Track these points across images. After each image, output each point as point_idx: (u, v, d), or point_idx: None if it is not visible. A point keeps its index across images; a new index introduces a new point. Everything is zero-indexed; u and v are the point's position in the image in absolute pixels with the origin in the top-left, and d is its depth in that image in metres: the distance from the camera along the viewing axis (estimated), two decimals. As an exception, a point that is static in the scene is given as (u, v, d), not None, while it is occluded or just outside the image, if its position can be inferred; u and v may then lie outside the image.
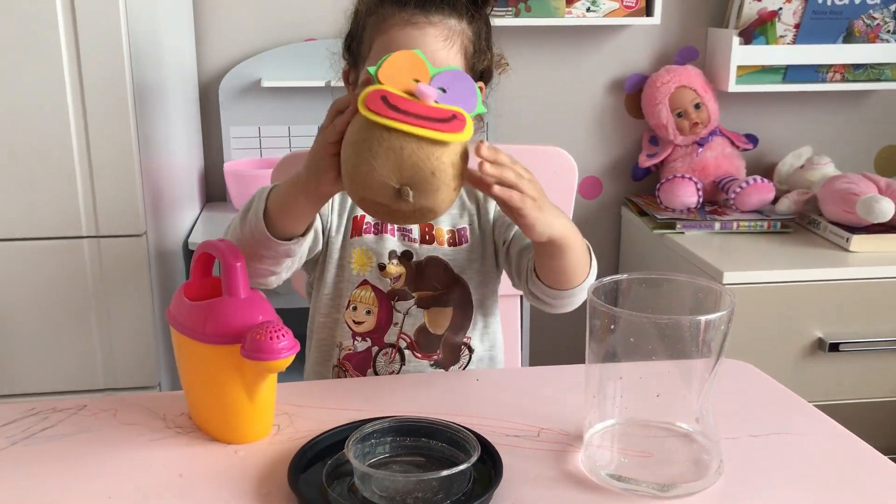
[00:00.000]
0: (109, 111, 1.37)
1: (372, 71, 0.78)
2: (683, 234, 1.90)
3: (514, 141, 1.26)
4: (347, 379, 1.08)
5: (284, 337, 0.78)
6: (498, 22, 1.16)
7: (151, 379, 1.49)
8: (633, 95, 2.13)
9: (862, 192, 1.79)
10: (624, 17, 2.00)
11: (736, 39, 1.97)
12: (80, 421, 0.88)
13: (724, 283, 1.65)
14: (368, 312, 1.09)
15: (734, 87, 2.01)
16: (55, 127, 1.36)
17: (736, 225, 1.91)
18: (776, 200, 1.96)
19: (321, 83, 1.94)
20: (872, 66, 2.06)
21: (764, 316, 1.68)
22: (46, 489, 0.76)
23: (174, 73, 1.74)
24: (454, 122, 0.76)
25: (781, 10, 1.98)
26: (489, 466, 0.77)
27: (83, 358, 1.46)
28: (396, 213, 0.79)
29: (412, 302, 1.09)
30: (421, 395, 0.94)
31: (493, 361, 1.15)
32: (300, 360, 1.20)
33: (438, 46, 1.00)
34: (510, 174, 0.83)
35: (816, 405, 0.95)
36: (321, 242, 1.07)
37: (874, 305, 1.70)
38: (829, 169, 2.02)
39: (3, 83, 1.33)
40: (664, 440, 0.81)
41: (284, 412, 0.89)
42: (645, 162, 2.10)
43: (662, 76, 2.03)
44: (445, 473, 0.72)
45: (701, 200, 1.95)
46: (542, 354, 2.16)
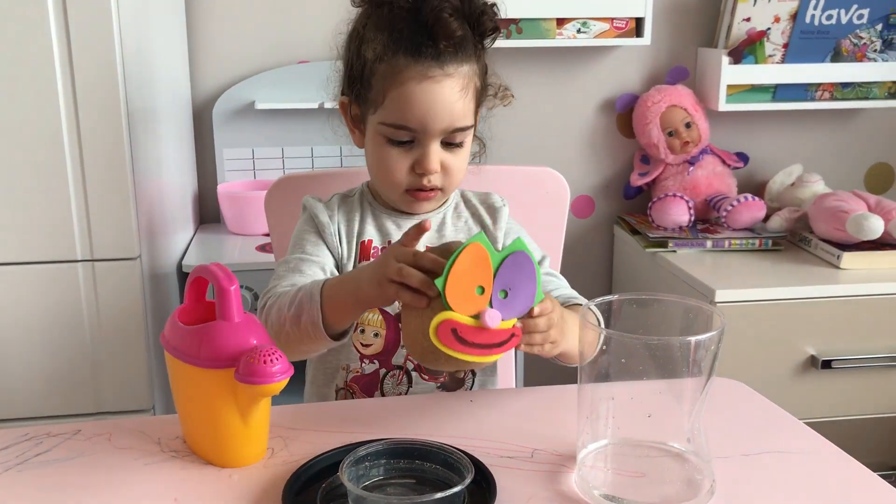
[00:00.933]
0: (103, 134, 1.37)
1: (440, 285, 0.80)
2: (675, 252, 1.91)
3: (506, 161, 1.27)
4: (341, 402, 1.09)
5: (278, 360, 0.79)
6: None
7: (146, 402, 1.49)
8: (624, 115, 2.15)
9: (852, 209, 1.81)
10: (614, 37, 2.02)
11: (725, 59, 1.99)
12: (74, 445, 0.88)
13: (716, 300, 1.66)
14: (376, 335, 1.09)
15: (724, 106, 2.03)
16: (49, 150, 1.36)
17: (727, 243, 1.92)
18: (767, 218, 1.98)
19: (314, 105, 1.95)
20: (860, 84, 2.08)
21: (756, 333, 1.69)
22: (41, 515, 0.76)
23: (168, 95, 1.75)
24: (511, 340, 0.83)
25: (770, 29, 2.00)
26: (483, 488, 0.77)
27: (77, 382, 1.46)
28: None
29: None
30: (415, 416, 0.95)
31: (493, 383, 1.16)
32: (300, 381, 1.20)
33: (456, 98, 1.01)
34: (539, 339, 0.86)
35: (810, 422, 0.95)
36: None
37: (866, 322, 1.71)
38: (819, 186, 2.03)
39: (-3, 108, 1.34)
40: (656, 460, 0.81)
41: (279, 435, 0.89)
42: (637, 181, 2.11)
43: (653, 96, 2.05)
44: (439, 496, 0.72)
45: (692, 219, 1.96)
46: (535, 374, 2.16)
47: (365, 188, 1.15)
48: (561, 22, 1.99)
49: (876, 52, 2.05)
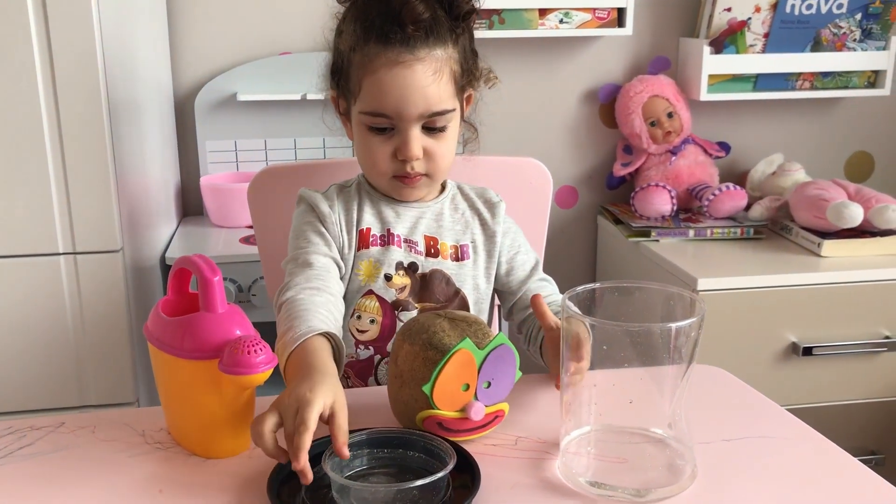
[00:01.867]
0: (84, 127, 1.36)
1: (427, 390, 0.82)
2: (658, 241, 1.92)
3: (489, 152, 1.27)
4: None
5: (262, 351, 0.79)
6: (471, 35, 1.19)
7: (130, 395, 1.49)
8: (606, 105, 2.16)
9: (832, 197, 1.82)
10: (596, 28, 2.03)
11: (707, 49, 2.00)
12: (58, 439, 0.88)
13: (698, 289, 1.67)
14: (373, 321, 1.10)
15: (706, 95, 2.04)
16: (30, 143, 1.35)
17: (710, 232, 1.93)
18: (749, 207, 1.99)
19: (297, 96, 1.95)
20: (840, 73, 2.10)
21: (738, 321, 1.70)
22: (25, 507, 0.76)
23: (149, 88, 1.74)
24: (495, 421, 0.88)
25: (751, 19, 2.01)
26: (467, 476, 0.78)
27: (61, 375, 1.45)
28: None
29: (415, 312, 1.10)
30: (399, 406, 0.95)
31: None
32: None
33: (428, 82, 1.02)
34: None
35: (791, 408, 0.96)
36: (342, 266, 1.09)
37: (846, 309, 1.73)
38: (800, 175, 2.05)
39: (-24, 101, 1.33)
40: (638, 446, 0.82)
41: (263, 426, 0.90)
42: (619, 171, 2.12)
43: (635, 86, 2.05)
44: (421, 482, 0.72)
45: (675, 208, 1.97)
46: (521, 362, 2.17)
47: (362, 178, 1.16)
48: (543, 12, 1.99)
49: (855, 41, 2.06)
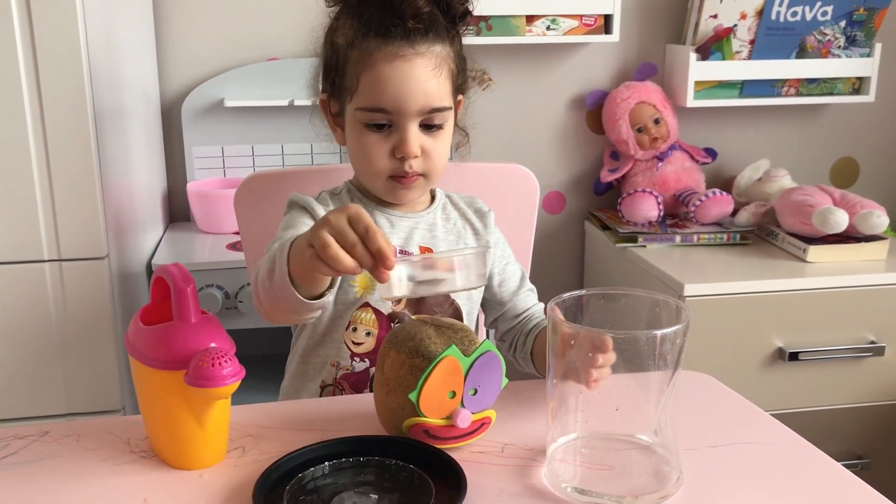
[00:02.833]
0: (70, 133, 1.36)
1: (413, 398, 0.82)
2: (645, 247, 1.93)
3: (477, 158, 1.27)
4: (312, 400, 1.09)
5: (228, 363, 0.77)
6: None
7: (115, 403, 1.48)
8: (594, 112, 2.16)
9: (817, 203, 1.83)
10: (583, 34, 2.03)
11: (693, 56, 2.01)
12: (42, 448, 0.87)
13: (685, 294, 1.67)
14: (368, 334, 1.09)
15: (692, 102, 2.05)
16: (15, 149, 1.34)
17: (696, 238, 1.94)
18: (735, 213, 2.00)
19: (284, 102, 1.94)
20: (825, 80, 2.11)
21: (725, 327, 1.71)
22: (8, 517, 0.75)
23: (136, 93, 1.73)
24: (481, 428, 0.87)
25: (736, 26, 2.02)
26: (453, 483, 0.78)
27: (45, 383, 1.44)
28: None
29: None
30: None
31: None
32: (277, 378, 1.19)
33: (428, 76, 1.01)
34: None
35: (778, 413, 0.97)
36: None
37: (831, 314, 1.74)
38: (786, 181, 2.06)
39: (-40, 107, 1.32)
40: (625, 453, 0.82)
41: (249, 434, 0.89)
42: (606, 177, 2.13)
43: (622, 92, 2.06)
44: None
45: (662, 214, 1.98)
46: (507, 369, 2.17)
47: (350, 185, 1.14)
48: (530, 19, 2.00)
49: (840, 48, 2.08)
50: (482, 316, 1.25)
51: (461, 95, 1.11)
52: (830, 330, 1.75)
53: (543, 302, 1.16)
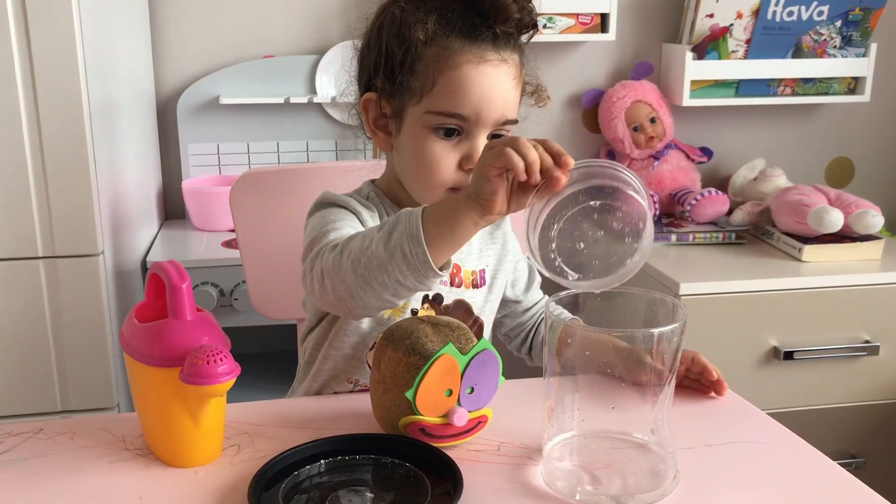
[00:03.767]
0: (65, 130, 1.35)
1: (409, 396, 0.81)
2: (641, 246, 1.92)
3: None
4: (307, 398, 1.08)
5: (224, 360, 0.77)
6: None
7: (110, 400, 1.48)
8: (590, 111, 2.16)
9: (813, 203, 1.83)
10: (580, 33, 2.03)
11: (689, 55, 2.01)
12: (36, 445, 0.87)
13: (680, 293, 1.67)
14: None
15: (688, 101, 2.05)
16: (9, 146, 1.34)
17: (692, 237, 1.94)
18: (731, 212, 2.00)
19: (280, 100, 1.94)
20: (821, 80, 2.11)
21: (720, 326, 1.71)
22: (2, 515, 0.75)
23: (131, 90, 1.72)
24: (478, 426, 0.87)
25: (732, 25, 2.03)
26: (449, 482, 0.77)
27: (39, 380, 1.44)
28: None
29: None
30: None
31: None
32: (279, 377, 1.17)
33: (510, 86, 0.96)
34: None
35: (773, 412, 0.97)
36: None
37: (826, 313, 1.74)
38: (781, 181, 2.06)
39: (-46, 103, 1.31)
40: (621, 451, 0.82)
41: (244, 432, 0.89)
42: (603, 176, 2.12)
43: (618, 91, 2.06)
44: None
45: (657, 213, 1.98)
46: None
47: (375, 189, 1.06)
48: (527, 17, 1.99)
49: (836, 48, 2.08)
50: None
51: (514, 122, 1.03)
52: (825, 329, 1.75)
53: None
